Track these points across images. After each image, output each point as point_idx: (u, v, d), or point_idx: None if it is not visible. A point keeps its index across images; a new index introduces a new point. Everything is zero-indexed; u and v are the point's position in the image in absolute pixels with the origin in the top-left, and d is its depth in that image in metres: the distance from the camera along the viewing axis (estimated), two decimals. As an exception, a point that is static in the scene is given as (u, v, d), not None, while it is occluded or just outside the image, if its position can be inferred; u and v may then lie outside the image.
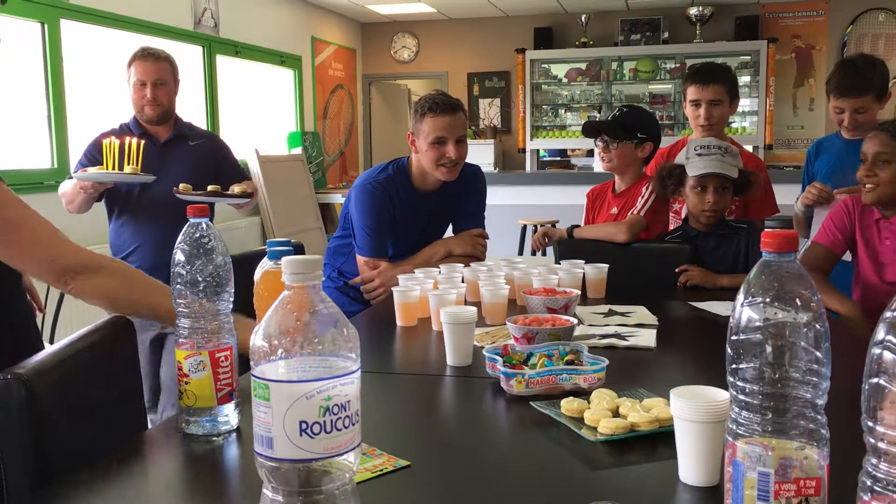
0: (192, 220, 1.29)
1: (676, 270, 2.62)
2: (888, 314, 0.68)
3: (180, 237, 1.29)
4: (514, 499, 1.06)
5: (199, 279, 1.27)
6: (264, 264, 1.45)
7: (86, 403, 1.31)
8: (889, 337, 0.67)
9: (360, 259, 2.67)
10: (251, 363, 0.76)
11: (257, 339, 0.75)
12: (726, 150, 2.66)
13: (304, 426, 0.73)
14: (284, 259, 0.75)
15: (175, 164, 3.12)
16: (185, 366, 1.28)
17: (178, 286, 1.28)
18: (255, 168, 6.85)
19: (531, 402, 1.40)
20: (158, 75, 3.08)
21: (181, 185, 2.95)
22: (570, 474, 1.15)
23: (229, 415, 1.30)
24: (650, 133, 2.91)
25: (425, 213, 2.75)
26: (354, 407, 0.76)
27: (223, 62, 6.74)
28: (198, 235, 1.29)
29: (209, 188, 3.03)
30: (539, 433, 1.30)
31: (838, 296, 2.44)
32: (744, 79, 8.47)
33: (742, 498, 0.81)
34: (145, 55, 3.10)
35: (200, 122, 6.45)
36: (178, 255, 1.28)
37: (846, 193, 2.76)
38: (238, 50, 6.95)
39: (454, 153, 2.60)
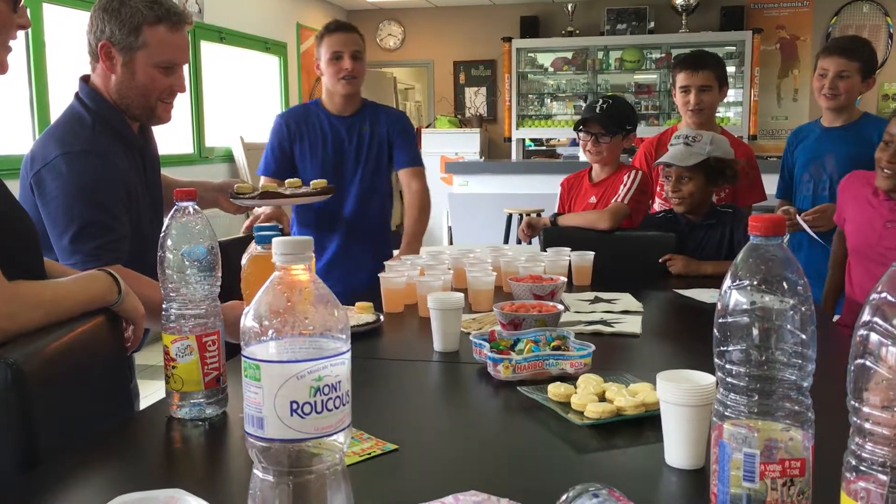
0: (178, 204, 1.29)
1: (661, 260, 2.64)
2: (874, 296, 0.69)
3: (167, 221, 1.28)
4: (501, 482, 1.07)
5: (187, 263, 1.27)
6: (252, 249, 1.44)
7: (73, 387, 1.31)
8: (875, 318, 0.68)
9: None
10: (241, 343, 0.76)
11: (248, 320, 0.75)
12: (694, 138, 2.67)
13: (294, 406, 0.73)
14: (275, 240, 0.75)
15: None
16: (171, 350, 1.28)
17: (166, 270, 1.27)
18: (239, 155, 6.81)
19: (518, 387, 1.41)
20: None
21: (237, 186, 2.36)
22: (556, 458, 1.16)
23: (217, 399, 1.30)
24: (634, 124, 2.95)
25: (336, 137, 2.88)
26: (345, 388, 0.76)
27: (207, 48, 6.69)
28: (185, 219, 1.28)
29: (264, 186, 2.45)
30: (526, 417, 1.31)
31: None
32: (729, 69, 8.47)
33: (728, 478, 0.82)
34: None
35: (184, 109, 6.41)
36: (166, 240, 1.27)
37: (812, 214, 2.79)
38: (223, 36, 6.90)
39: (350, 65, 2.79)
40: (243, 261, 1.47)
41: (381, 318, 1.91)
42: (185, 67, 1.93)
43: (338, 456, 0.77)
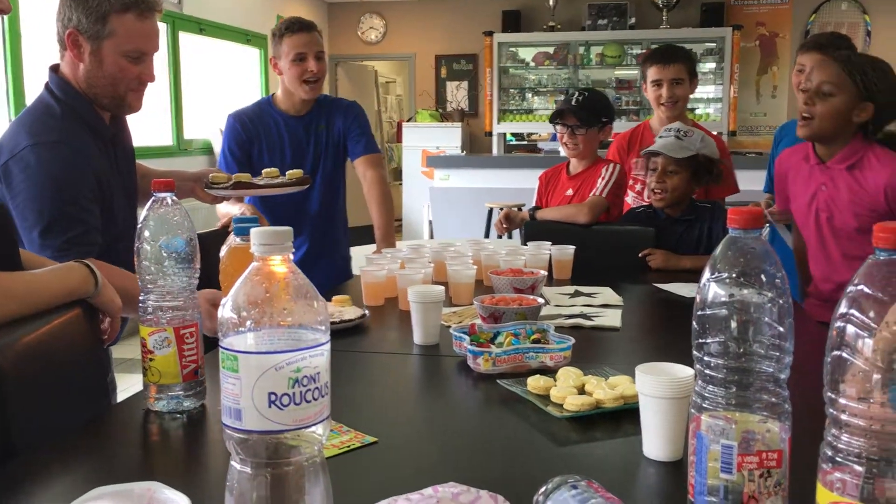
0: (156, 195, 1.27)
1: (640, 255, 2.65)
2: (851, 288, 0.69)
3: (145, 212, 1.27)
4: (481, 474, 1.07)
5: (164, 255, 1.26)
6: (231, 241, 1.43)
7: (49, 380, 1.29)
8: (852, 310, 0.69)
9: None
10: (219, 335, 0.75)
11: (226, 311, 0.75)
12: (686, 133, 2.69)
13: (273, 398, 0.72)
14: (254, 230, 0.75)
15: None
16: (149, 342, 1.26)
17: (144, 262, 1.26)
18: (219, 147, 6.76)
19: (498, 380, 1.41)
20: None
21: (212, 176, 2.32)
22: (536, 450, 1.16)
23: (195, 392, 1.29)
24: (610, 116, 2.95)
25: (294, 138, 2.82)
26: (324, 379, 0.76)
27: (187, 40, 6.63)
28: (163, 210, 1.27)
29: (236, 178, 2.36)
30: (506, 410, 1.31)
31: None
32: (709, 65, 8.55)
33: (706, 470, 0.82)
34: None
35: (163, 101, 6.36)
36: (144, 231, 1.26)
37: (778, 215, 2.79)
38: (202, 28, 6.85)
39: (315, 67, 2.72)
40: (222, 252, 1.46)
41: (367, 313, 1.90)
42: (156, 56, 1.90)
43: (316, 448, 0.76)
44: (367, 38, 9.71)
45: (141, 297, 1.28)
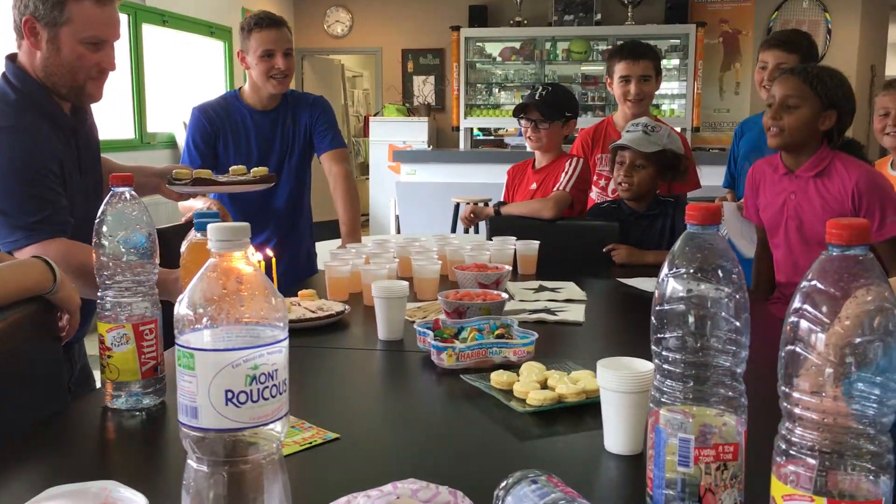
0: (114, 190, 1.26)
1: (605, 250, 2.67)
2: (804, 284, 0.70)
3: (103, 207, 1.25)
4: (443, 470, 1.07)
5: (123, 250, 1.24)
6: (191, 236, 1.42)
7: (5, 377, 1.27)
8: (805, 306, 0.70)
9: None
10: (175, 332, 0.74)
11: (181, 308, 0.74)
12: (653, 129, 2.72)
13: (229, 395, 0.72)
14: (210, 226, 0.74)
15: None
16: (107, 339, 1.25)
17: (102, 257, 1.24)
18: (182, 141, 6.68)
19: (461, 375, 1.41)
20: None
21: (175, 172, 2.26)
22: (498, 445, 1.16)
23: (154, 389, 1.28)
24: (574, 111, 2.96)
25: (260, 132, 2.81)
26: (282, 376, 0.75)
27: (150, 31, 6.54)
28: (121, 205, 1.25)
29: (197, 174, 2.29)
30: (469, 405, 1.32)
31: None
32: (673, 62, 8.62)
33: (664, 463, 0.83)
34: None
35: (125, 94, 6.26)
36: (101, 226, 1.24)
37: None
38: (165, 19, 6.75)
39: (283, 64, 2.71)
40: (183, 248, 1.44)
41: (348, 308, 1.89)
42: (117, 48, 1.86)
43: (275, 445, 0.75)
44: (333, 31, 9.65)
45: (99, 294, 1.26)
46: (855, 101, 2.32)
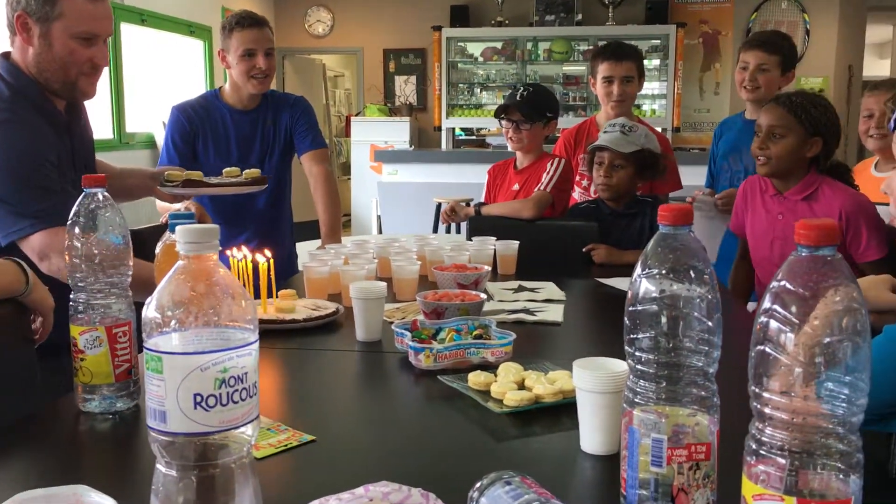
0: (87, 191, 1.24)
1: (584, 250, 2.67)
2: (773, 284, 0.71)
3: (75, 208, 1.24)
4: (419, 471, 1.07)
5: (96, 252, 1.22)
6: (166, 237, 1.40)
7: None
8: (775, 306, 0.70)
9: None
10: (143, 335, 0.74)
11: (149, 311, 0.73)
12: (631, 128, 2.73)
13: (198, 399, 0.71)
14: (179, 228, 0.73)
15: None
16: (80, 341, 1.23)
17: (74, 259, 1.23)
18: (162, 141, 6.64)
19: (439, 376, 1.41)
20: None
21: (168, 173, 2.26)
22: (474, 446, 1.16)
23: (128, 392, 1.26)
24: (555, 111, 2.97)
25: (240, 132, 2.80)
26: (252, 379, 0.74)
27: (128, 30, 6.49)
28: (94, 206, 1.24)
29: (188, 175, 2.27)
30: (446, 406, 1.31)
31: None
32: (654, 62, 8.66)
33: (637, 464, 0.83)
34: None
35: (103, 94, 6.21)
36: (74, 228, 1.22)
37: (721, 199, 2.87)
38: (144, 18, 6.70)
39: (263, 64, 2.70)
40: (157, 249, 1.42)
41: (341, 308, 1.88)
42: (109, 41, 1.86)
43: (245, 449, 0.75)
44: (315, 31, 9.62)
45: (71, 296, 1.25)
46: (840, 127, 2.40)
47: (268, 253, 1.82)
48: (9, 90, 1.78)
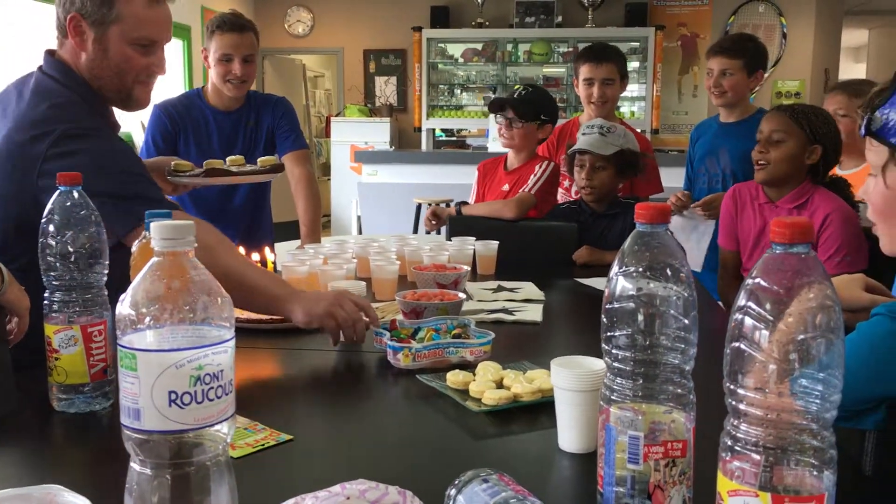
0: (62, 189, 1.23)
1: (574, 257, 2.67)
2: (748, 281, 0.71)
3: (49, 206, 1.22)
4: (397, 470, 1.06)
5: (71, 250, 1.21)
6: (142, 235, 1.39)
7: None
8: (749, 303, 0.70)
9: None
10: (117, 332, 0.73)
11: (123, 308, 0.72)
12: (609, 129, 2.74)
13: (173, 396, 0.70)
14: (153, 224, 0.72)
15: None
16: (54, 341, 1.22)
17: (48, 258, 1.22)
18: (140, 141, 6.59)
19: (417, 376, 1.41)
20: None
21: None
22: (453, 445, 1.16)
23: (103, 392, 1.25)
24: (552, 116, 2.97)
25: (222, 133, 2.79)
26: (228, 377, 0.74)
27: (106, 29, 6.43)
28: (69, 204, 1.22)
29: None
30: (424, 405, 1.31)
31: None
32: (633, 65, 8.70)
33: (614, 461, 0.84)
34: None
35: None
36: (48, 226, 1.21)
37: (701, 206, 2.89)
38: (122, 17, 6.65)
39: (239, 71, 2.69)
40: (133, 248, 1.41)
41: None
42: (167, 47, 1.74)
43: (221, 447, 0.74)
44: (295, 31, 9.59)
45: (46, 295, 1.23)
46: (841, 139, 2.41)
47: (267, 252, 1.80)
48: (74, 95, 1.64)
